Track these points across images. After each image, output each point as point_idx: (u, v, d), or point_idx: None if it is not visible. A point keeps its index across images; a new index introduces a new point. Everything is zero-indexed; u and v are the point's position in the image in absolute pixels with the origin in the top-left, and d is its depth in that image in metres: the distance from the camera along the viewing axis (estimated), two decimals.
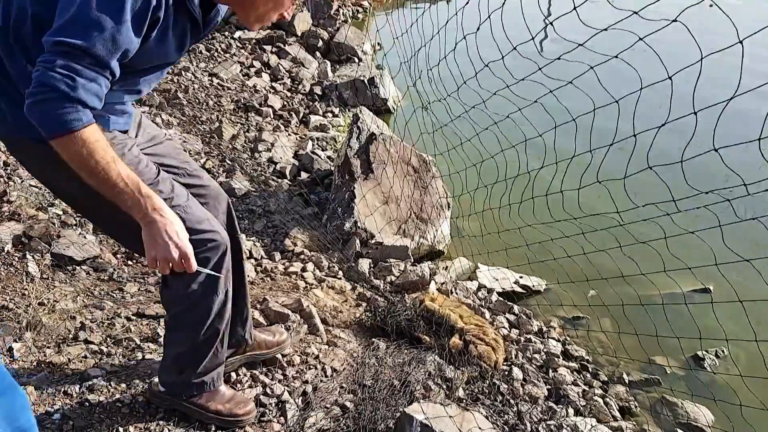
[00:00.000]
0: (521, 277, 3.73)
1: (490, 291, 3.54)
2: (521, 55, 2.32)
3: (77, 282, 2.80)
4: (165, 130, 4.35)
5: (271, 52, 6.25)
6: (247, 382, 2.32)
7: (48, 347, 2.35)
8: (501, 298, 3.50)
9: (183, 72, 5.46)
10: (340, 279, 3.35)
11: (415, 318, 2.87)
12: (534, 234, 3.05)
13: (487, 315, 3.23)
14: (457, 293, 3.43)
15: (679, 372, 3.08)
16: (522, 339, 3.13)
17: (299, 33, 6.86)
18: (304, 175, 4.52)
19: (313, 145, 5.01)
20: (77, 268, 2.89)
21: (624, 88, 2.11)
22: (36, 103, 1.34)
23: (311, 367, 2.47)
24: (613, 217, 2.46)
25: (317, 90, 5.99)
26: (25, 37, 1.47)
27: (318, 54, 6.68)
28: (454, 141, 3.28)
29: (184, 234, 1.55)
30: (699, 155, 2.04)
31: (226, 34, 6.39)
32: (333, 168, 4.38)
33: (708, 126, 1.93)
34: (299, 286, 3.13)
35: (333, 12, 7.44)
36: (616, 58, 2.07)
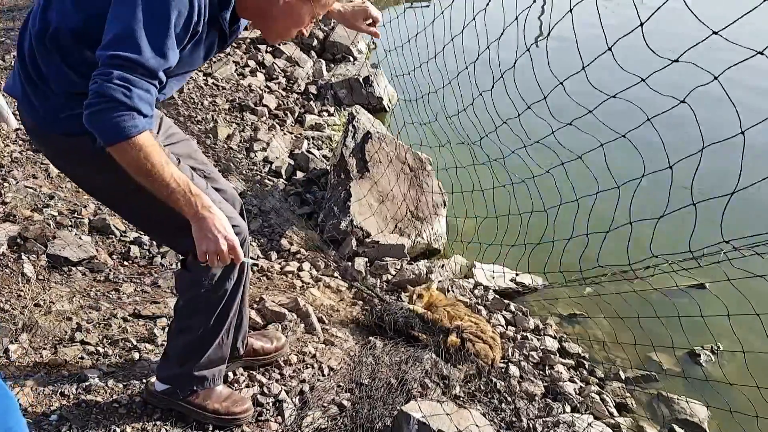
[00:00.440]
0: (517, 275, 3.74)
1: (486, 289, 3.55)
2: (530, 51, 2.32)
3: (73, 283, 2.80)
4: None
5: (266, 52, 6.23)
6: (244, 381, 2.32)
7: (44, 348, 2.34)
8: (497, 296, 3.50)
9: None
10: (337, 278, 3.35)
11: (412, 316, 2.88)
12: (531, 232, 3.06)
13: (484, 313, 3.24)
14: (453, 291, 3.44)
15: (675, 368, 3.09)
16: (519, 336, 3.13)
17: None
18: (299, 174, 4.52)
19: (308, 144, 5.01)
20: (73, 269, 2.89)
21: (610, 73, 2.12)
22: (95, 112, 1.40)
23: (308, 366, 2.47)
24: (609, 213, 2.47)
25: (312, 89, 5.98)
26: (63, 42, 1.54)
27: (313, 53, 6.67)
28: (449, 139, 3.29)
29: (231, 228, 1.62)
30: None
31: None
32: (329, 167, 4.37)
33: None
34: (296, 285, 3.13)
35: None
36: (609, 51, 2.07)
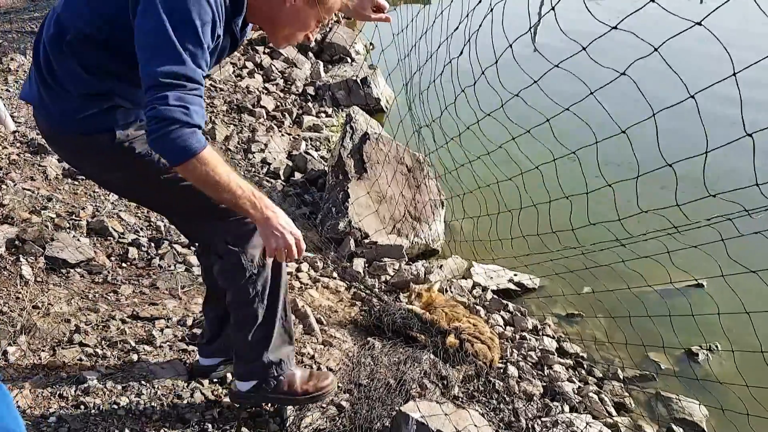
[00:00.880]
0: (516, 275, 3.75)
1: (484, 289, 3.56)
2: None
3: (71, 285, 2.80)
4: None
5: (264, 53, 6.24)
6: None
7: (43, 350, 2.34)
8: (496, 296, 3.51)
9: None
10: (335, 279, 3.35)
11: (410, 317, 2.88)
12: (528, 231, 3.06)
13: (482, 313, 3.24)
14: (452, 292, 3.45)
15: (673, 367, 3.10)
16: (517, 336, 3.14)
17: None
18: (297, 175, 4.52)
19: (306, 145, 5.01)
20: (71, 270, 2.89)
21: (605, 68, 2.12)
22: (160, 137, 1.44)
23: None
24: (606, 214, 2.47)
25: (310, 90, 5.99)
26: (78, 46, 1.57)
27: (310, 54, 6.68)
28: (446, 139, 3.28)
29: (293, 224, 1.69)
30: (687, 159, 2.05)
31: None
32: (327, 168, 4.38)
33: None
34: (294, 286, 3.13)
35: None
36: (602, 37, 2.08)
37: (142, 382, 2.21)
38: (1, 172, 3.51)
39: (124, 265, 3.08)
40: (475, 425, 2.17)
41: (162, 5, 1.41)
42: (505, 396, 2.59)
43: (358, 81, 6.00)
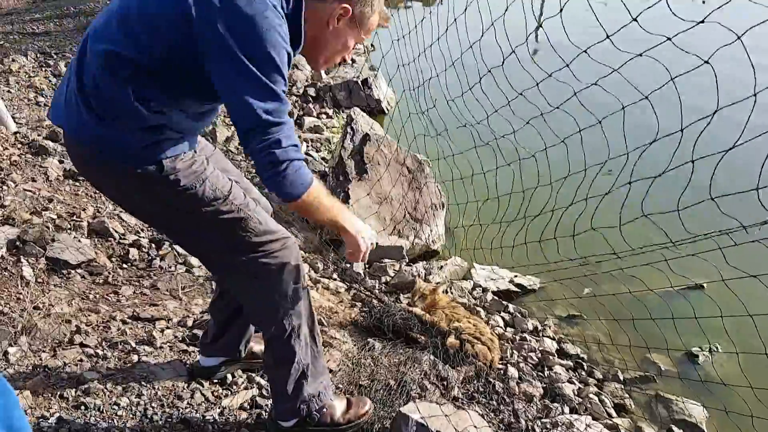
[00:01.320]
0: (516, 276, 3.75)
1: (485, 290, 3.56)
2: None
3: (72, 286, 2.80)
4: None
5: None
6: (243, 383, 2.32)
7: (43, 351, 2.35)
8: (496, 297, 3.51)
9: None
10: (336, 279, 3.36)
11: (411, 318, 2.88)
12: (529, 232, 3.06)
13: (483, 314, 3.24)
14: (452, 293, 3.45)
15: (674, 369, 3.09)
16: (517, 338, 3.14)
17: None
18: None
19: (307, 146, 5.02)
20: (72, 271, 2.89)
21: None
22: (282, 179, 1.53)
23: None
24: (606, 215, 2.48)
25: (311, 92, 6.00)
26: (135, 77, 1.51)
27: None
28: (448, 141, 3.29)
29: (369, 230, 1.86)
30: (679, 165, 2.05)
31: None
32: (327, 169, 4.38)
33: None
34: None
35: None
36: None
37: (143, 383, 2.22)
38: (2, 173, 3.51)
39: (124, 266, 3.08)
40: (475, 426, 2.17)
41: (241, 49, 1.40)
42: (505, 397, 2.59)
43: (359, 82, 6.01)
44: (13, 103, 4.66)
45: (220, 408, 2.18)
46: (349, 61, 1.80)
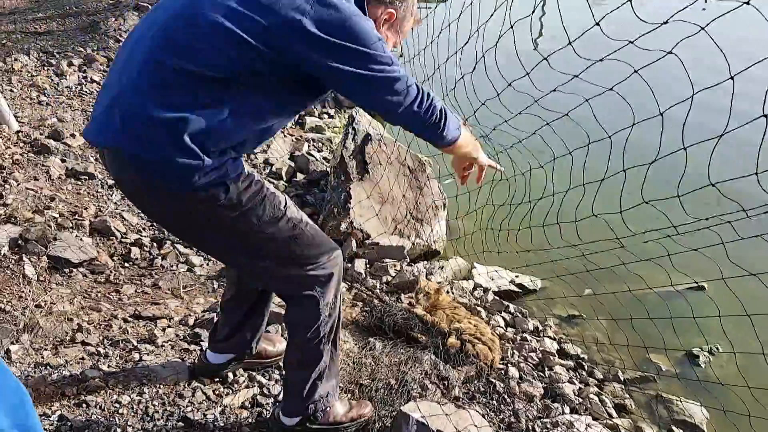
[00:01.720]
0: (517, 276, 3.75)
1: (486, 290, 3.56)
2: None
3: (74, 284, 2.81)
4: None
5: None
6: (244, 382, 2.33)
7: (45, 349, 2.36)
8: (497, 297, 3.51)
9: None
10: None
11: (411, 317, 2.89)
12: (529, 233, 3.07)
13: (483, 314, 3.25)
14: (453, 293, 3.45)
15: (674, 369, 3.10)
16: (518, 338, 3.14)
17: None
18: (300, 176, 4.53)
19: (308, 146, 5.03)
20: (74, 270, 2.90)
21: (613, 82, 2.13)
22: (445, 124, 1.66)
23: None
24: (606, 217, 2.48)
25: None
26: (215, 90, 1.46)
27: None
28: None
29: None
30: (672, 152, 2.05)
31: None
32: (329, 169, 4.39)
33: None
34: None
35: None
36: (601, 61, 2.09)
37: (144, 381, 2.22)
38: (4, 172, 3.52)
39: (126, 264, 3.09)
40: (476, 426, 2.17)
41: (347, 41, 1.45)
42: (505, 397, 2.59)
43: None
44: (16, 102, 4.67)
45: (221, 407, 2.19)
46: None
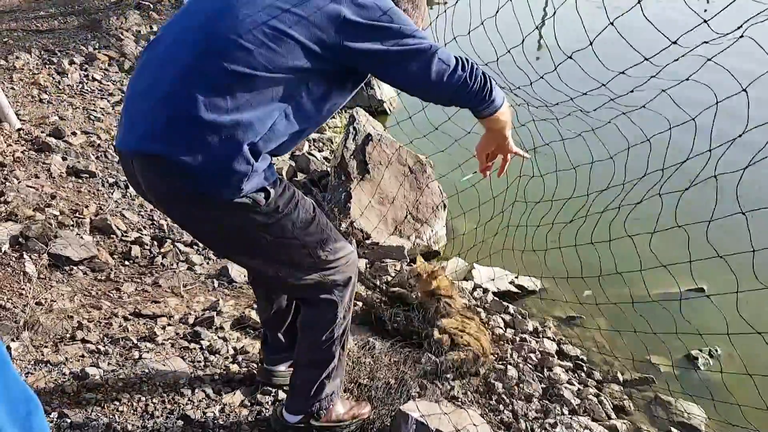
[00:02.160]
0: (517, 277, 3.75)
1: (485, 291, 3.56)
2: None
3: (74, 282, 2.81)
4: None
5: None
6: (243, 381, 2.33)
7: (45, 346, 2.36)
8: (497, 298, 3.51)
9: None
10: None
11: (412, 315, 2.88)
12: (529, 233, 3.07)
13: (483, 315, 3.25)
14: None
15: (674, 371, 3.10)
16: (517, 338, 3.15)
17: None
18: (300, 176, 4.54)
19: (309, 146, 5.03)
20: (74, 268, 2.90)
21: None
22: (495, 90, 1.62)
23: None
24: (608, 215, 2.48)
25: None
26: (267, 89, 1.45)
27: None
28: (450, 141, 3.29)
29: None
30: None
31: None
32: (329, 169, 4.39)
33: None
34: None
35: None
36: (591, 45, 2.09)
37: (144, 379, 2.23)
38: (5, 170, 3.53)
39: (126, 262, 3.09)
40: (474, 425, 2.18)
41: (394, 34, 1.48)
42: (504, 397, 2.60)
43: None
44: (17, 100, 4.67)
45: (220, 405, 2.19)
46: None
